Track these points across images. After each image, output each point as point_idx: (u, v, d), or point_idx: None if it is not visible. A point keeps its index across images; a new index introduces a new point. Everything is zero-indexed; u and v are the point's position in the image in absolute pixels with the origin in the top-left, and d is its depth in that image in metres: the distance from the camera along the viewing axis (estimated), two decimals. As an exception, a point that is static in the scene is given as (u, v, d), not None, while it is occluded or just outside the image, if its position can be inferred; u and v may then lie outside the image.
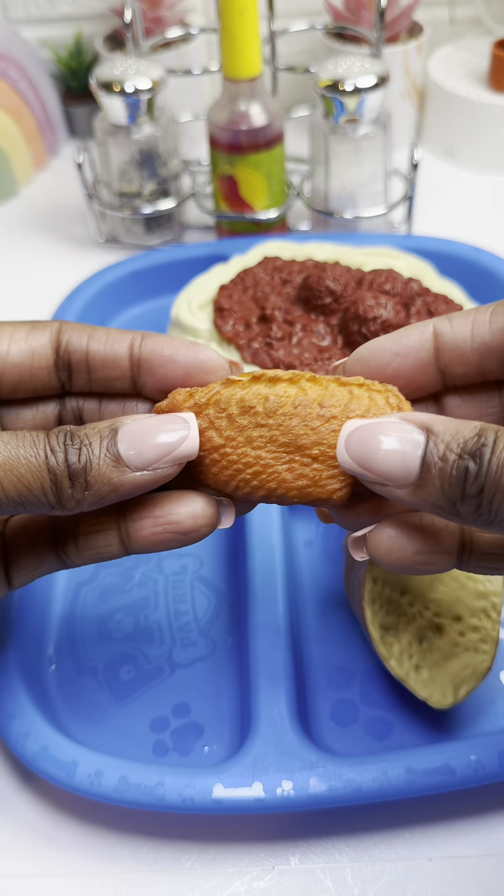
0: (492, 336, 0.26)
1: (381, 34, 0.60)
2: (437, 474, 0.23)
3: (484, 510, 0.22)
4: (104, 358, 0.28)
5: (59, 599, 0.42)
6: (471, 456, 0.22)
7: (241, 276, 0.50)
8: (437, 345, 0.26)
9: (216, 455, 0.27)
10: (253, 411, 0.26)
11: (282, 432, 0.26)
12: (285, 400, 0.26)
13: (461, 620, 0.35)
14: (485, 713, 0.36)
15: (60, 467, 0.24)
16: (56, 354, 0.28)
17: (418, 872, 0.33)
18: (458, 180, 0.72)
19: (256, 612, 0.37)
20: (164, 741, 0.36)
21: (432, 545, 0.25)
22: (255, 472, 0.26)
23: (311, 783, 0.32)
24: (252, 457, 0.26)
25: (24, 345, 0.28)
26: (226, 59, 0.54)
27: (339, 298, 0.46)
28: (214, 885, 0.33)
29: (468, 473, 0.22)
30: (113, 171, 0.61)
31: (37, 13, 0.75)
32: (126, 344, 0.28)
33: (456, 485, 0.23)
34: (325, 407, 0.26)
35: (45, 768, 0.33)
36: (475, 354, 0.26)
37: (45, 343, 0.28)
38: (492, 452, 0.22)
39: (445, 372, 0.27)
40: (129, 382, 0.29)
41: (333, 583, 0.42)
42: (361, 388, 0.26)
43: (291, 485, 0.26)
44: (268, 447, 0.26)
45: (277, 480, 0.26)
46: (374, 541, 0.26)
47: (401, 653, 0.34)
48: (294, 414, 0.26)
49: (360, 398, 0.26)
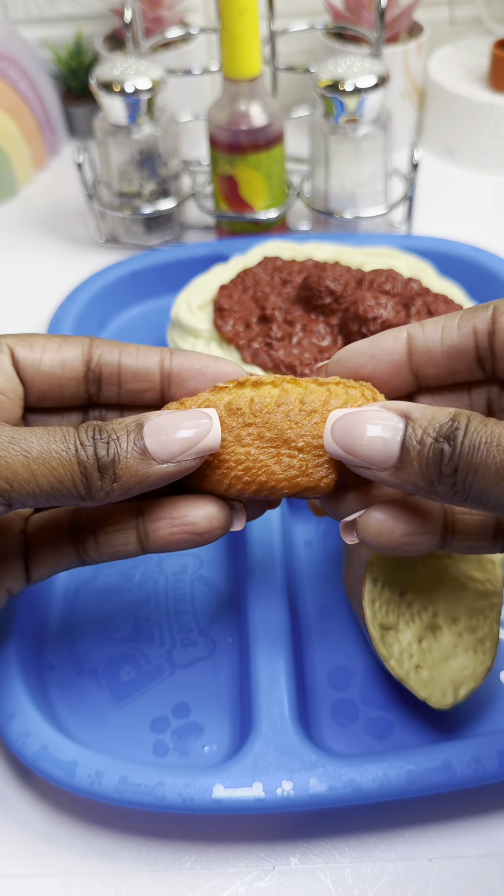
0: (460, 339, 0.28)
1: (381, 34, 0.60)
2: (416, 457, 0.25)
3: (459, 488, 0.24)
4: (136, 371, 0.30)
5: (59, 599, 0.42)
6: (445, 439, 0.24)
7: (241, 276, 0.50)
8: (410, 348, 0.28)
9: (209, 456, 0.28)
10: (240, 412, 0.28)
11: (268, 428, 0.28)
12: (269, 400, 0.28)
13: (461, 621, 0.35)
14: (485, 713, 0.36)
15: (90, 460, 0.26)
16: (87, 367, 0.30)
17: (418, 872, 0.33)
18: (458, 180, 0.72)
19: (256, 612, 0.37)
20: (164, 741, 0.36)
21: (418, 526, 0.27)
22: (245, 467, 0.28)
23: (311, 783, 0.32)
24: (242, 454, 0.28)
25: (56, 355, 0.30)
26: (226, 59, 0.54)
27: (339, 298, 0.46)
28: (214, 885, 0.33)
29: (443, 455, 0.24)
30: (113, 171, 0.61)
31: (37, 13, 0.75)
32: (156, 359, 0.30)
33: (433, 465, 0.24)
34: (306, 403, 0.28)
35: (45, 768, 0.33)
36: (445, 357, 0.28)
37: (76, 355, 0.30)
38: (464, 435, 0.24)
39: (418, 374, 0.29)
40: (157, 395, 0.30)
41: (333, 583, 0.42)
42: (338, 386, 0.28)
43: (281, 476, 0.28)
44: (256, 443, 0.28)
45: (267, 473, 0.28)
46: (364, 523, 0.27)
47: (401, 653, 0.34)
48: (278, 411, 0.28)
49: (338, 394, 0.28)
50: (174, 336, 0.50)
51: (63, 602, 0.42)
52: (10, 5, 0.74)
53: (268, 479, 0.28)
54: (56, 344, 0.30)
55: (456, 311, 0.47)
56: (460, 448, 0.24)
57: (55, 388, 0.30)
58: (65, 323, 0.53)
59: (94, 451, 0.26)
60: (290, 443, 0.28)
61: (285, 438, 0.28)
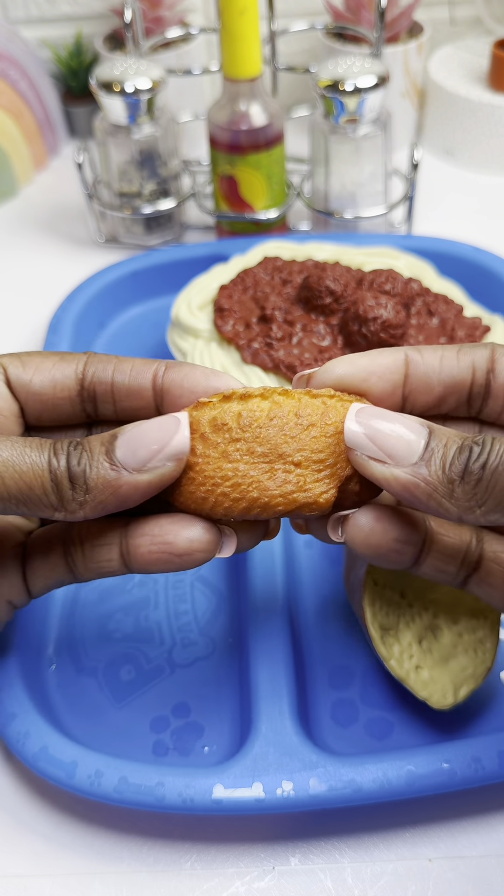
0: (458, 371, 0.28)
1: (381, 34, 0.60)
2: (441, 455, 0.25)
3: (481, 487, 0.24)
4: (129, 389, 0.29)
5: (60, 600, 0.42)
6: (474, 442, 0.25)
7: (241, 276, 0.50)
8: (407, 371, 0.28)
9: (191, 473, 0.27)
10: (226, 428, 0.26)
11: (259, 443, 0.26)
12: (259, 413, 0.27)
13: (461, 621, 0.35)
14: (485, 713, 0.36)
15: (61, 469, 0.26)
16: (81, 386, 0.30)
17: (418, 873, 0.33)
18: (459, 180, 0.72)
19: (256, 612, 0.37)
20: (164, 741, 0.36)
21: (408, 535, 0.27)
22: (233, 483, 0.26)
23: (311, 783, 0.32)
24: (229, 469, 0.26)
25: (48, 375, 0.30)
26: (226, 59, 0.54)
27: (340, 298, 0.46)
28: (214, 885, 0.33)
29: (471, 452, 0.24)
30: (113, 171, 0.61)
31: (37, 13, 0.75)
32: (150, 375, 0.29)
33: (458, 463, 0.24)
34: (301, 416, 0.26)
35: (45, 768, 0.33)
36: (441, 386, 0.28)
37: (68, 374, 0.30)
38: (492, 445, 0.24)
39: (408, 398, 0.29)
40: (153, 412, 0.30)
41: (333, 583, 0.42)
42: (333, 399, 0.27)
43: (275, 492, 0.26)
44: (245, 459, 0.26)
45: (259, 489, 0.26)
46: (356, 522, 0.27)
47: (401, 653, 0.34)
48: (270, 425, 0.26)
49: (335, 408, 0.27)
50: (174, 336, 0.50)
51: (63, 602, 0.42)
52: (10, 5, 0.74)
53: (260, 495, 0.26)
54: (51, 363, 0.30)
55: (454, 310, 0.48)
56: (489, 452, 0.24)
57: (48, 407, 0.30)
58: (65, 323, 0.53)
59: (66, 461, 0.26)
60: (286, 457, 0.26)
61: (280, 453, 0.26)
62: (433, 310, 0.48)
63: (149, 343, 0.56)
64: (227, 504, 0.26)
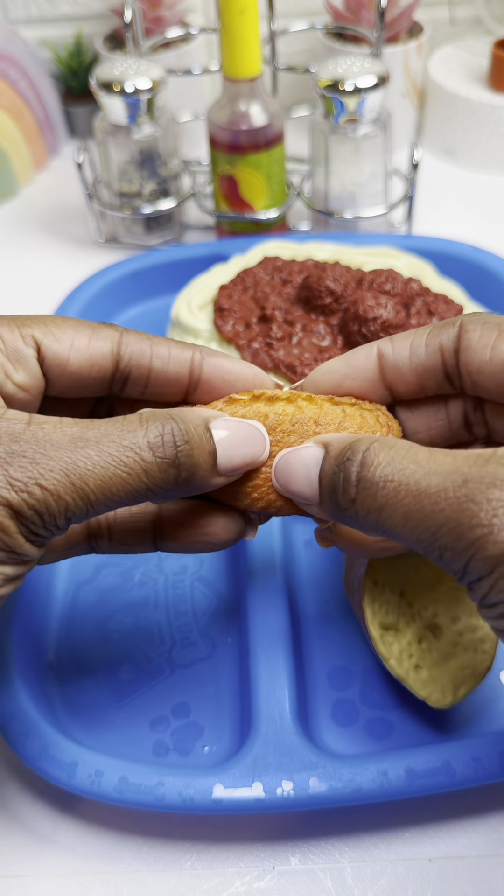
0: (427, 357, 0.28)
1: (381, 34, 0.60)
2: (326, 486, 0.25)
3: (355, 519, 0.25)
4: (166, 377, 0.29)
5: (60, 600, 0.42)
6: (340, 468, 0.25)
7: (241, 276, 0.50)
8: (381, 365, 0.28)
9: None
10: None
11: (281, 448, 0.28)
12: (284, 417, 0.28)
13: (460, 620, 0.35)
14: (484, 713, 0.37)
15: (181, 478, 0.25)
16: (115, 367, 0.29)
17: (418, 872, 0.33)
18: (459, 180, 0.72)
19: (256, 612, 0.37)
20: (164, 741, 0.36)
21: None
22: (255, 485, 0.28)
23: (311, 783, 0.32)
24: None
25: (85, 354, 0.28)
26: (226, 58, 0.54)
27: (340, 298, 0.46)
28: (214, 885, 0.33)
29: (337, 483, 0.25)
30: (113, 171, 0.61)
31: (37, 13, 0.75)
32: (187, 364, 0.29)
33: (331, 494, 0.25)
34: (320, 424, 0.28)
35: (46, 769, 0.33)
36: (413, 374, 0.28)
37: (105, 354, 0.28)
38: (361, 464, 0.24)
39: (391, 389, 0.29)
40: (181, 397, 0.30)
41: (333, 583, 0.42)
42: (353, 407, 0.28)
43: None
44: (268, 461, 0.28)
45: (277, 493, 0.28)
46: (338, 529, 0.28)
47: (400, 653, 0.34)
48: (292, 431, 0.28)
49: (353, 416, 0.28)
50: (174, 336, 0.50)
51: (63, 602, 0.42)
52: (10, 5, 0.74)
53: (276, 497, 0.28)
54: (86, 339, 0.28)
55: (454, 310, 0.48)
56: (355, 476, 0.24)
57: (79, 386, 0.29)
58: (65, 323, 0.53)
59: (175, 460, 0.25)
60: None
61: None
62: (433, 310, 0.48)
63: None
64: (248, 501, 0.28)
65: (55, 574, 0.43)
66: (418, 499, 0.23)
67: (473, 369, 0.27)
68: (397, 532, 0.24)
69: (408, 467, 0.23)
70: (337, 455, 0.25)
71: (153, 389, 0.29)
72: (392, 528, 0.24)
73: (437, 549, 0.23)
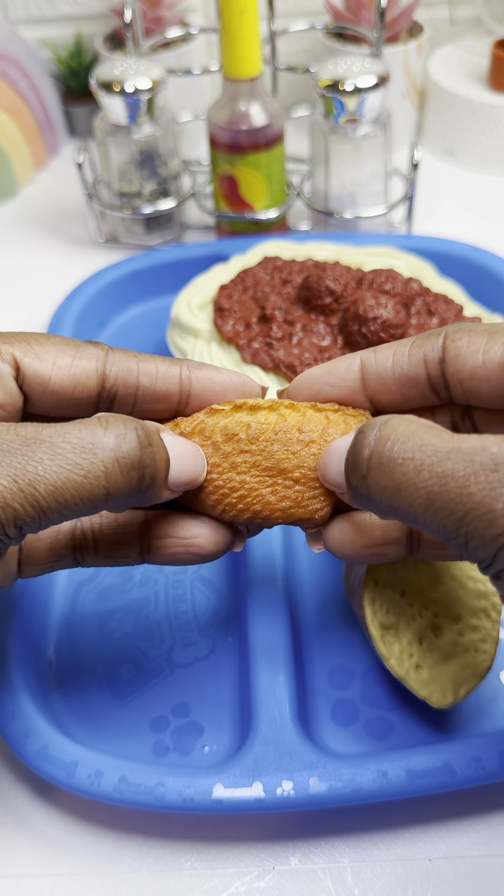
0: (410, 367, 0.28)
1: (381, 34, 0.60)
2: (346, 468, 0.25)
3: (363, 495, 0.24)
4: (154, 394, 0.29)
5: (60, 599, 0.42)
6: (354, 447, 0.24)
7: (241, 275, 0.50)
8: (363, 375, 0.28)
9: (204, 481, 0.28)
10: (236, 438, 0.28)
11: (264, 457, 0.28)
12: (266, 427, 0.28)
13: (461, 620, 0.35)
14: (485, 713, 0.37)
15: (145, 480, 0.25)
16: (101, 386, 0.28)
17: (418, 872, 0.33)
18: (458, 180, 0.72)
19: (256, 612, 0.37)
20: (163, 741, 0.36)
21: (380, 538, 0.28)
22: (240, 495, 0.28)
23: (311, 783, 0.32)
24: (237, 481, 0.28)
25: (68, 373, 0.27)
26: (226, 58, 0.54)
27: (339, 298, 0.46)
28: (214, 885, 0.33)
29: (349, 461, 0.25)
30: (113, 171, 0.61)
31: (37, 13, 0.75)
32: (176, 380, 0.29)
33: (348, 473, 0.25)
34: (304, 432, 0.28)
35: (46, 768, 0.33)
36: (396, 384, 0.28)
37: (90, 374, 0.28)
38: (376, 437, 0.24)
39: (373, 400, 0.29)
40: (172, 413, 0.29)
41: (333, 583, 0.42)
42: (337, 413, 0.28)
43: (276, 507, 0.28)
44: (252, 472, 0.28)
45: (262, 503, 0.28)
46: (327, 535, 0.28)
47: (401, 652, 0.34)
48: (275, 440, 0.28)
49: (337, 423, 0.28)
50: (174, 336, 0.50)
51: (63, 601, 0.42)
52: (10, 5, 0.74)
53: (262, 508, 0.28)
54: (69, 358, 0.27)
55: (454, 310, 0.48)
56: (368, 451, 0.24)
57: (64, 405, 0.28)
58: (65, 323, 0.53)
59: (142, 472, 0.25)
60: (287, 473, 0.27)
61: (282, 469, 0.27)
62: (433, 309, 0.48)
63: (149, 343, 0.56)
64: (233, 512, 0.28)
65: (55, 573, 0.43)
66: (443, 480, 0.22)
67: (465, 376, 0.26)
68: (416, 516, 0.23)
69: (429, 443, 0.22)
70: (360, 433, 0.25)
71: (142, 407, 0.29)
72: (411, 511, 0.23)
73: (463, 536, 0.22)
